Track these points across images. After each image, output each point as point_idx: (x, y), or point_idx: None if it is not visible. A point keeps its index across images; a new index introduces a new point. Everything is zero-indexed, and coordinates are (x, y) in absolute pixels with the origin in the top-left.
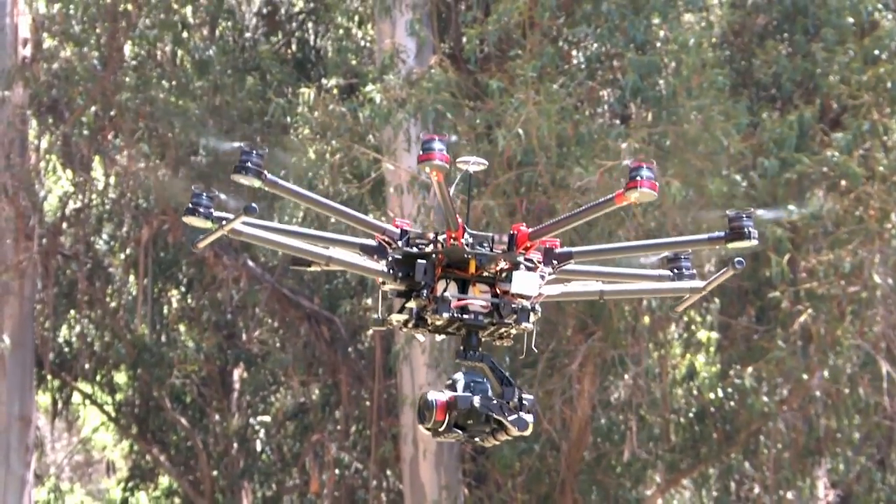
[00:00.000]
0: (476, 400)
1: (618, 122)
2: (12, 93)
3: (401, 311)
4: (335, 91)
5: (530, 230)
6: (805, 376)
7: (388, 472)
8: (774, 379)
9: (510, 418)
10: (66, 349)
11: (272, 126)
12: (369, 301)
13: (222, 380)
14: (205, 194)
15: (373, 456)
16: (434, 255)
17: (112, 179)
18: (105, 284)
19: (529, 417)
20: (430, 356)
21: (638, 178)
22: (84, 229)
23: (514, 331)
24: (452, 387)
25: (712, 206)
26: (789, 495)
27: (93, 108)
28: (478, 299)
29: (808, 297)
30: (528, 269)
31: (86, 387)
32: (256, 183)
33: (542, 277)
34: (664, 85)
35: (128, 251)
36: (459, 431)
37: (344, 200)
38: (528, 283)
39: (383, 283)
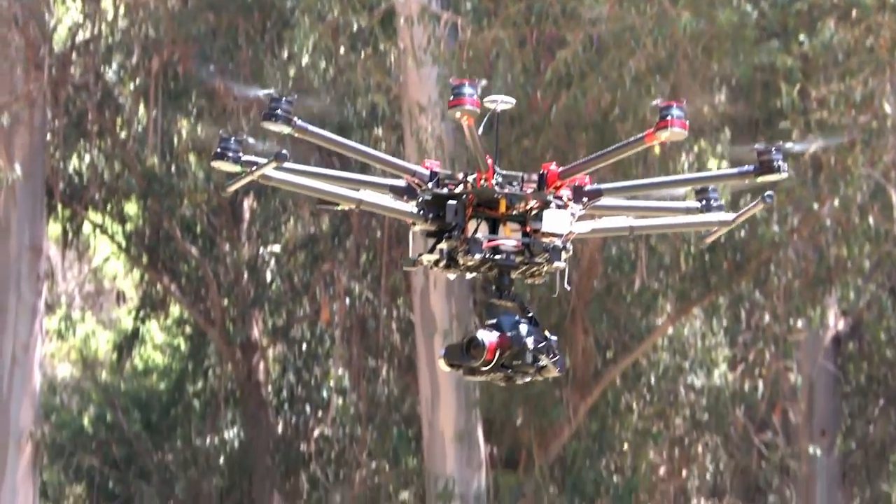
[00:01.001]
0: (530, 341)
1: None
2: None
3: (431, 251)
4: None
5: (560, 169)
6: (815, 205)
7: (399, 302)
8: (785, 208)
9: (552, 359)
10: (77, 179)
11: None
12: (379, 132)
13: (232, 210)
14: (233, 138)
15: (383, 285)
16: (464, 196)
17: (122, 10)
18: (115, 115)
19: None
20: None
21: (669, 117)
22: (94, 59)
23: (545, 269)
24: (498, 327)
25: (723, 37)
26: (799, 324)
27: None
28: (509, 239)
29: (819, 127)
30: (559, 207)
31: (96, 217)
32: (286, 130)
33: (573, 215)
34: None
35: (137, 81)
36: (503, 371)
37: (354, 32)
38: (558, 222)
39: (414, 223)
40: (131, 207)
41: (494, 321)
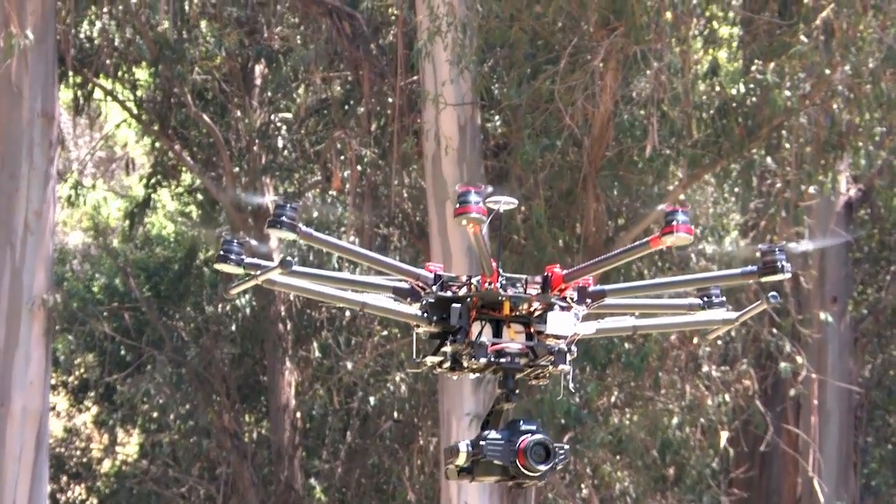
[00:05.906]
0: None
1: None
2: None
3: (435, 353)
4: None
5: (564, 272)
6: (827, 71)
7: (411, 168)
8: (797, 74)
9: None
10: (88, 45)
11: None
12: None
13: (244, 76)
14: (235, 241)
15: (395, 152)
16: (468, 299)
17: None
18: None
19: None
20: (451, 53)
21: (674, 222)
22: None
23: (550, 371)
24: (538, 432)
25: None
26: (811, 190)
27: None
28: (513, 343)
29: None
30: (563, 308)
31: (107, 83)
32: (291, 236)
33: (577, 316)
34: None
35: None
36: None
37: None
38: (562, 324)
39: (417, 325)
40: (143, 73)
41: (533, 426)
